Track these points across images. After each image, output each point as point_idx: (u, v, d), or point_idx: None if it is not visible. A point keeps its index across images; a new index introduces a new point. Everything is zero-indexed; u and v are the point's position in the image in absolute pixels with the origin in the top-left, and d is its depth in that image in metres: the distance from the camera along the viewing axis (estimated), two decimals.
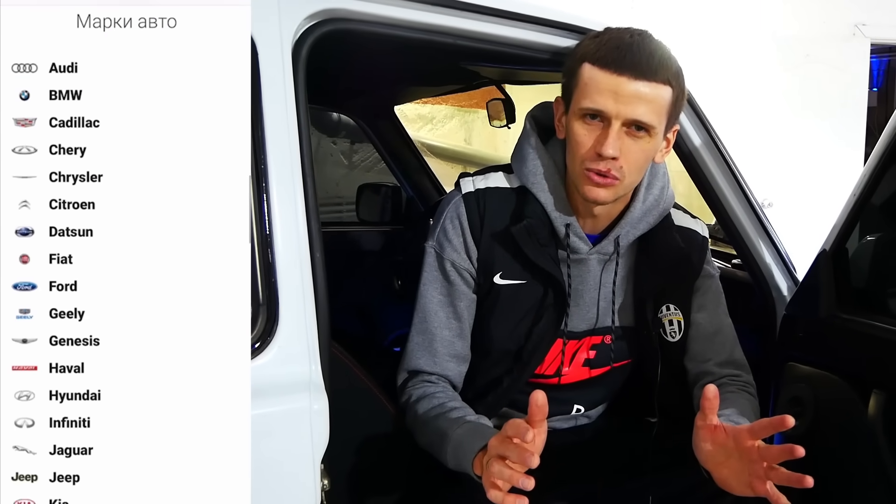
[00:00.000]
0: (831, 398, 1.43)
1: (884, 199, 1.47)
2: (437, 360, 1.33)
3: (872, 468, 1.35)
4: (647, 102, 1.20)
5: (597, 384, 1.44)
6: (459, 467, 1.16)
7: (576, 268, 1.35)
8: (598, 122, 1.21)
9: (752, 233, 1.59)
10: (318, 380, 1.01)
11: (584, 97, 1.22)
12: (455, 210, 1.33)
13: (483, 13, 1.25)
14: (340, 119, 3.55)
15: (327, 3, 1.09)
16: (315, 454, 1.00)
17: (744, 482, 1.07)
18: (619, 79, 1.19)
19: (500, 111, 2.29)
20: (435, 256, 1.34)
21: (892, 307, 1.45)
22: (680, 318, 1.42)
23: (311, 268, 1.03)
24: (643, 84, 1.19)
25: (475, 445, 1.13)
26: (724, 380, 1.39)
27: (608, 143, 1.19)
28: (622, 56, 1.19)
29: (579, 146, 1.23)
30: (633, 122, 1.20)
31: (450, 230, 1.33)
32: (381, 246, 2.69)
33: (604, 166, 1.21)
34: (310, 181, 1.04)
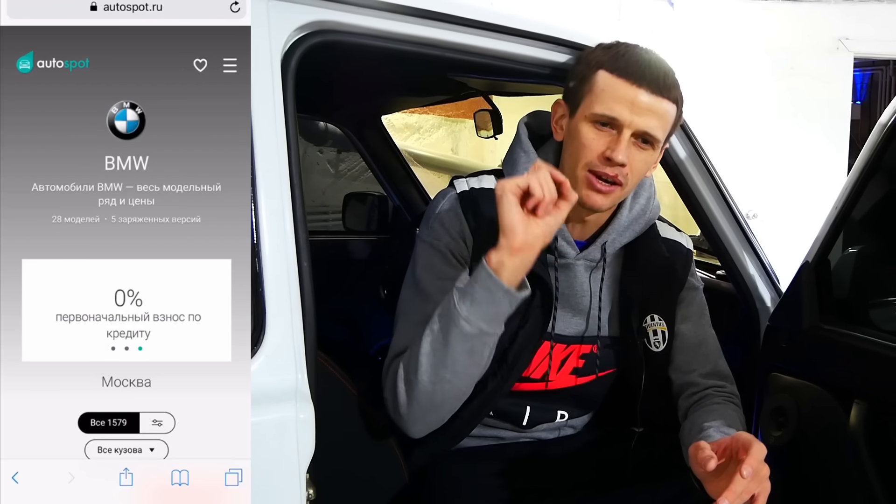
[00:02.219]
0: (814, 408, 1.44)
1: (865, 211, 1.49)
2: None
3: (855, 477, 1.36)
4: (658, 117, 1.23)
5: (582, 392, 1.44)
6: (475, 292, 1.14)
7: (563, 272, 1.36)
8: (609, 129, 1.24)
9: (736, 244, 1.60)
10: (305, 389, 1.01)
11: (598, 103, 1.24)
12: (450, 203, 1.33)
13: (472, 26, 1.26)
14: (327, 128, 3.55)
15: (317, 15, 1.10)
16: (301, 463, 1.00)
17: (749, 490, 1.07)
18: (639, 91, 1.22)
19: (487, 122, 2.30)
20: (430, 246, 1.31)
21: (873, 318, 1.47)
22: (664, 328, 1.43)
23: (299, 277, 1.03)
24: (657, 99, 1.23)
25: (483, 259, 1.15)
26: (709, 391, 1.40)
27: (619, 150, 1.21)
28: (642, 70, 1.22)
29: (587, 149, 1.24)
30: (642, 133, 1.23)
31: (447, 220, 1.32)
32: (368, 255, 2.69)
33: (612, 171, 1.23)
34: (297, 191, 1.04)
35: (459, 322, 1.14)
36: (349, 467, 1.31)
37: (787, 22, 5.35)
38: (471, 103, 2.32)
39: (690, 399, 1.40)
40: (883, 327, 1.42)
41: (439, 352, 1.16)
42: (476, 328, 1.14)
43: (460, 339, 1.15)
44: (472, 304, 1.13)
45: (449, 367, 1.16)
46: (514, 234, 1.10)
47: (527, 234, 1.10)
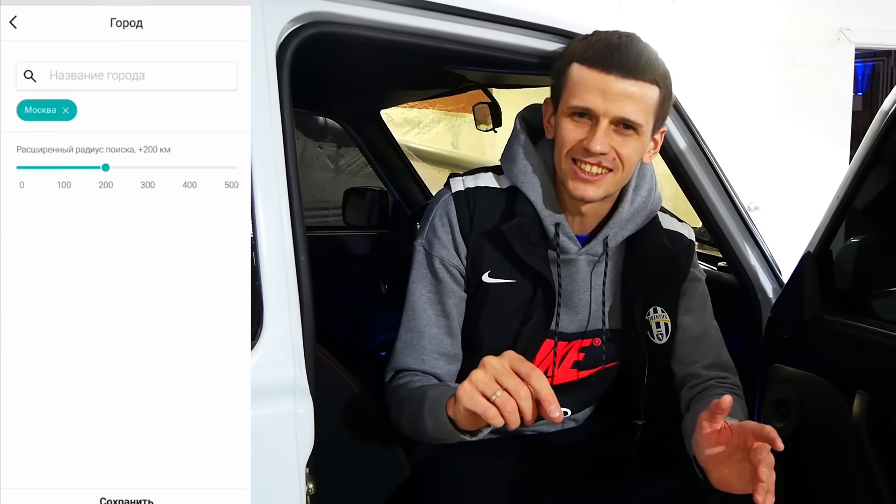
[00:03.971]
0: (816, 399, 1.43)
1: (867, 201, 1.48)
2: (424, 357, 1.32)
3: (857, 468, 1.36)
4: (634, 101, 1.21)
5: (584, 386, 1.44)
6: (437, 422, 1.14)
7: (565, 268, 1.35)
8: (587, 119, 1.23)
9: (738, 236, 1.59)
10: (303, 383, 1.00)
11: (572, 96, 1.23)
12: (445, 207, 1.33)
13: (469, 17, 1.25)
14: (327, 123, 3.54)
15: (312, 7, 1.09)
16: (300, 458, 0.99)
17: (746, 479, 1.07)
18: (607, 77, 1.20)
19: (486, 115, 2.29)
20: (424, 254, 1.34)
21: (875, 309, 1.46)
22: (667, 320, 1.43)
23: (297, 272, 1.03)
24: (630, 83, 1.20)
25: (450, 392, 1.11)
26: (712, 381, 1.39)
27: (596, 139, 1.20)
28: (610, 55, 1.20)
29: (567, 141, 1.24)
30: (620, 119, 1.21)
31: (439, 227, 1.33)
32: (368, 250, 2.68)
33: (593, 160, 1.22)
34: (294, 185, 1.03)
35: (427, 431, 1.17)
36: (351, 461, 1.31)
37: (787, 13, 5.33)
38: (470, 97, 2.31)
39: (693, 390, 1.40)
40: (885, 317, 1.41)
41: (416, 434, 1.23)
42: (439, 439, 1.18)
43: (430, 438, 1.20)
44: (434, 426, 1.15)
45: (425, 437, 1.21)
46: (467, 420, 1.08)
47: (485, 415, 0.99)
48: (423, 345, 1.32)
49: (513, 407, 0.96)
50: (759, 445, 1.03)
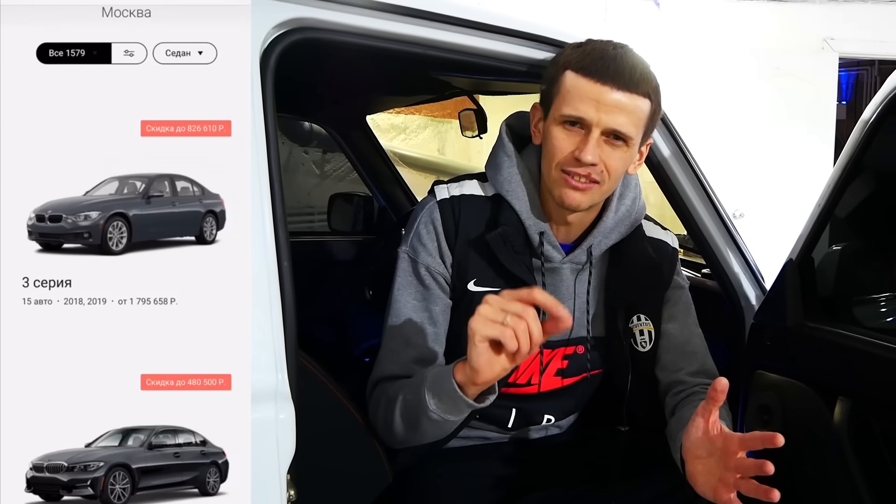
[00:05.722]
0: (798, 406, 1.44)
1: (849, 209, 1.49)
2: (410, 366, 1.30)
3: (838, 473, 1.37)
4: (627, 113, 1.21)
5: (568, 394, 1.44)
6: (443, 395, 1.14)
7: (549, 276, 1.35)
8: (578, 128, 1.23)
9: (721, 243, 1.60)
10: (285, 389, 1.00)
11: (565, 104, 1.23)
12: (430, 215, 1.33)
13: (455, 24, 1.25)
14: (312, 129, 3.53)
15: (297, 12, 1.09)
16: (281, 464, 0.99)
17: (710, 484, 1.08)
18: (602, 88, 1.20)
19: (472, 122, 2.29)
20: (409, 261, 1.33)
21: (857, 315, 1.47)
22: (651, 328, 1.43)
23: (279, 277, 1.02)
24: (624, 95, 1.20)
25: (450, 367, 1.13)
26: (696, 388, 1.39)
27: (587, 150, 1.20)
28: (606, 66, 1.20)
29: (557, 150, 1.24)
30: (612, 131, 1.22)
31: (424, 235, 1.32)
32: (353, 256, 2.67)
33: (583, 170, 1.22)
34: (277, 188, 1.03)
35: (427, 412, 1.16)
36: (333, 468, 1.30)
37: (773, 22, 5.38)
38: (457, 103, 2.32)
39: (678, 397, 1.40)
40: (866, 324, 1.42)
41: (410, 423, 1.22)
42: (441, 418, 1.17)
43: (428, 422, 1.18)
44: (438, 401, 1.15)
45: (418, 435, 1.22)
46: (477, 374, 1.08)
47: (492, 371, 1.07)
48: (409, 353, 1.31)
49: (524, 328, 1.02)
50: (740, 459, 1.04)
